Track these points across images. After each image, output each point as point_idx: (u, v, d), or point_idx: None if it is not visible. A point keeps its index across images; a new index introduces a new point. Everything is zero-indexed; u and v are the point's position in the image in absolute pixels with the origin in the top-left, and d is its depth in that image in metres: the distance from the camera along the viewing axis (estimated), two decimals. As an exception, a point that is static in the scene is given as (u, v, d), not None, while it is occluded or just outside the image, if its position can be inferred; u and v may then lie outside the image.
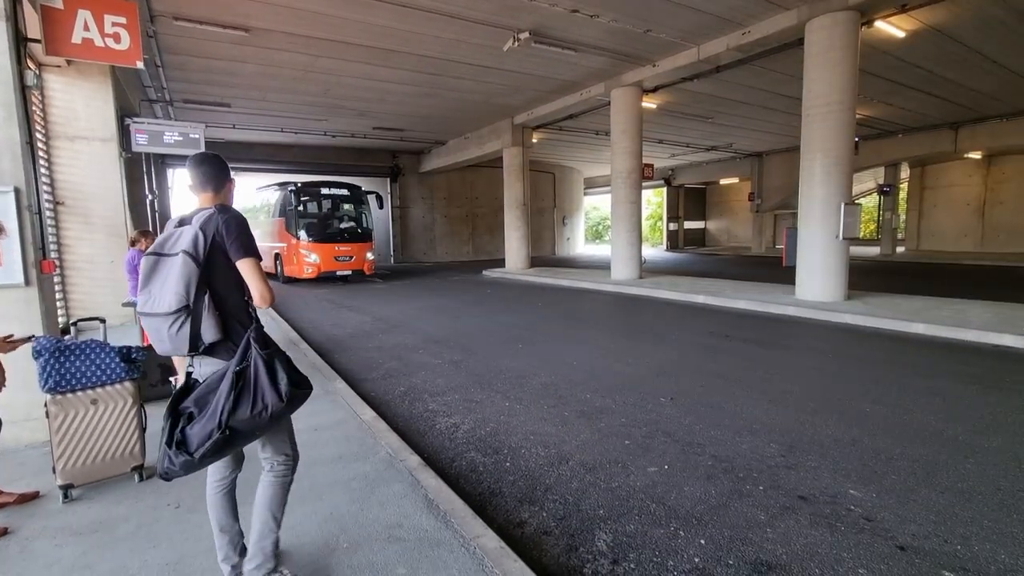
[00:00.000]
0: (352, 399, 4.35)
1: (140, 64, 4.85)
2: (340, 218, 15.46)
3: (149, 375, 4.15)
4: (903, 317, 7.30)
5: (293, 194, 14.50)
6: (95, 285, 5.65)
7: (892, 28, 9.10)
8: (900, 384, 4.76)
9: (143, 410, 2.99)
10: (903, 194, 24.25)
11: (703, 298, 9.97)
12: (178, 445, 1.77)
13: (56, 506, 2.71)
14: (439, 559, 2.21)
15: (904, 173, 23.76)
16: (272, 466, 2.02)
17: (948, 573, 2.20)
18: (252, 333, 1.86)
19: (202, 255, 1.82)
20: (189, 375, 1.95)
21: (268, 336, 1.91)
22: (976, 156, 19.86)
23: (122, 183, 5.91)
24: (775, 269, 15.65)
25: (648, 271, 14.72)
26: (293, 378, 1.86)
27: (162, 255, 1.86)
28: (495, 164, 19.21)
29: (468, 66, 11.15)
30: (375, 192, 16.33)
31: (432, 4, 8.07)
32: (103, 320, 3.31)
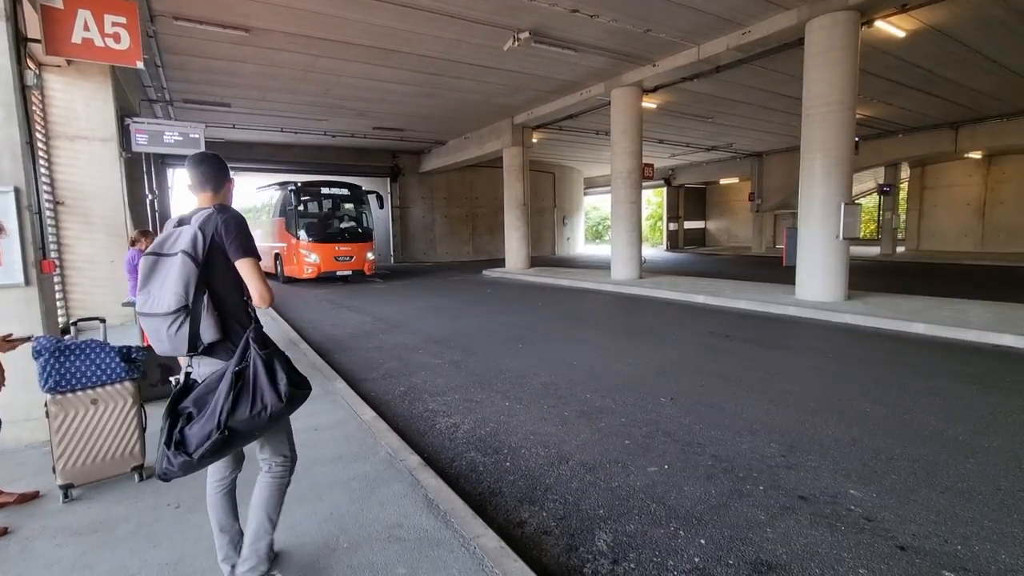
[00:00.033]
0: (352, 399, 4.35)
1: (140, 64, 4.85)
2: (340, 218, 15.40)
3: (149, 375, 4.15)
4: (903, 317, 7.30)
5: (293, 194, 14.45)
6: (95, 285, 5.66)
7: (892, 28, 9.10)
8: (900, 384, 4.76)
9: (143, 410, 3.00)
10: (903, 194, 24.25)
11: (703, 298, 9.97)
12: (177, 446, 1.77)
13: (56, 506, 2.71)
14: (439, 559, 2.21)
15: (904, 173, 23.76)
16: (270, 467, 2.02)
17: (948, 573, 2.20)
18: (251, 333, 1.85)
19: (201, 255, 1.82)
20: (188, 375, 1.95)
21: (267, 336, 1.91)
22: (976, 156, 19.86)
23: (122, 183, 5.91)
24: (775, 269, 15.66)
25: (648, 271, 14.72)
26: (292, 378, 1.85)
27: (161, 255, 1.86)
28: (495, 164, 19.21)
29: (468, 66, 11.15)
30: (375, 192, 16.30)
31: (432, 4, 8.07)
32: (103, 320, 3.31)
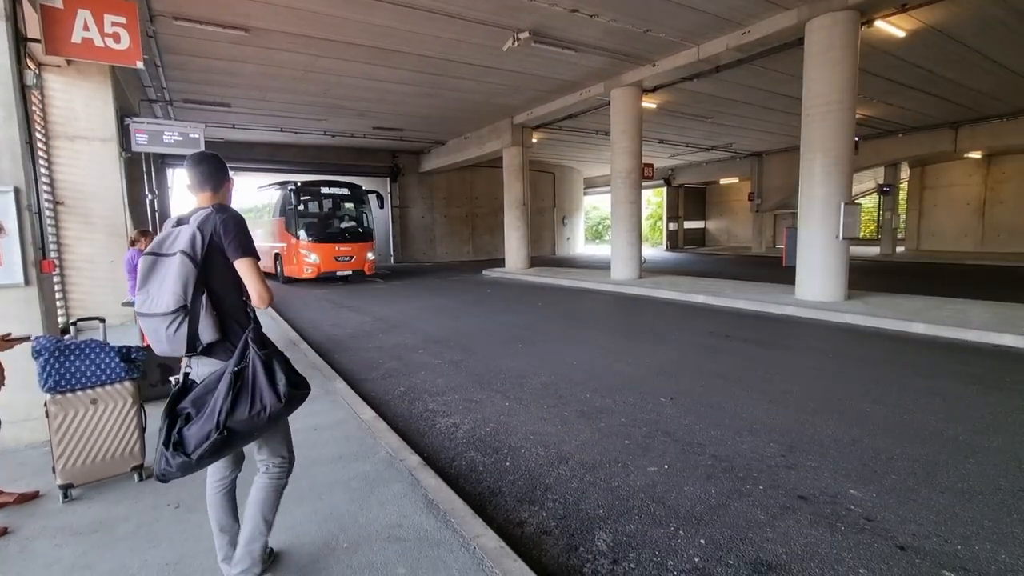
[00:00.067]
0: (352, 399, 4.34)
1: (140, 64, 4.85)
2: (340, 218, 15.37)
3: (149, 375, 4.15)
4: (903, 317, 7.30)
5: (293, 193, 14.42)
6: (95, 285, 5.65)
7: (892, 28, 9.10)
8: (900, 384, 4.76)
9: (143, 410, 2.99)
10: (903, 194, 24.26)
11: (703, 298, 9.97)
12: (175, 446, 1.76)
13: (56, 506, 2.71)
14: (439, 559, 2.21)
15: (904, 173, 23.75)
16: (267, 468, 2.01)
17: (948, 573, 2.20)
18: (250, 333, 1.85)
19: (199, 255, 1.81)
20: (186, 375, 1.94)
21: (266, 336, 1.91)
22: (976, 156, 19.86)
23: (122, 183, 5.91)
24: (775, 269, 15.66)
25: (648, 271, 14.72)
26: (291, 379, 1.85)
27: (160, 255, 1.85)
28: (495, 164, 19.21)
29: (468, 66, 11.15)
30: (375, 191, 16.28)
31: (432, 4, 8.07)
32: (103, 320, 3.31)
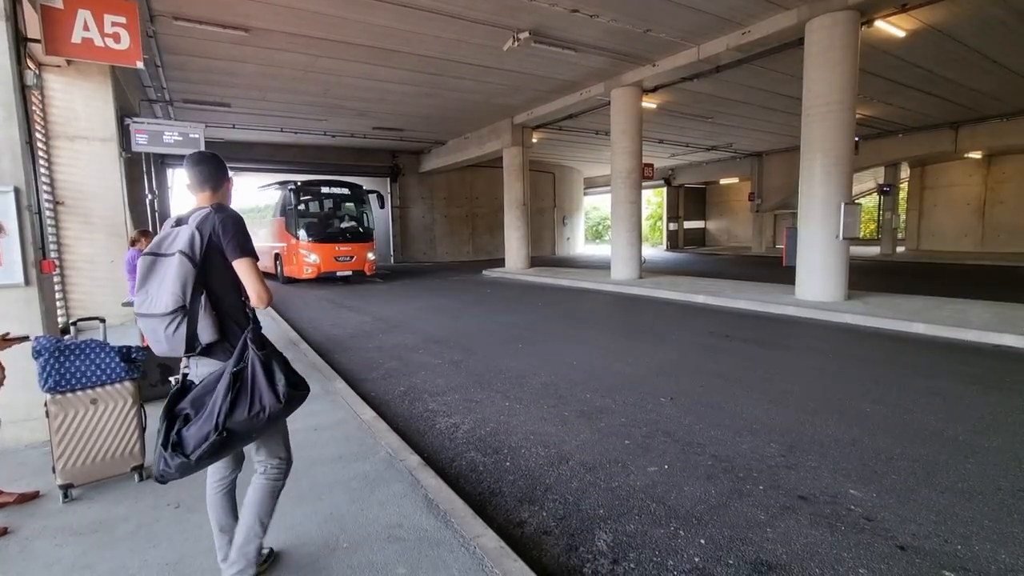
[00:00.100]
0: (352, 399, 4.34)
1: (140, 64, 4.85)
2: (341, 217, 15.36)
3: (149, 375, 4.15)
4: (903, 317, 7.30)
5: (293, 193, 14.40)
6: (95, 285, 5.66)
7: (892, 28, 9.10)
8: (900, 384, 4.76)
9: (143, 410, 2.99)
10: (903, 194, 24.25)
11: (703, 298, 9.97)
12: (174, 447, 1.75)
13: (56, 506, 2.71)
14: (439, 559, 2.21)
15: (904, 173, 23.75)
16: (265, 469, 2.00)
17: (948, 573, 2.19)
18: (249, 334, 1.84)
19: (198, 255, 1.81)
20: (185, 376, 1.93)
21: (265, 337, 1.90)
22: (976, 156, 19.86)
23: (122, 183, 5.92)
24: (775, 269, 15.66)
25: (648, 271, 14.72)
26: (291, 379, 1.84)
27: (159, 255, 1.85)
28: (495, 164, 19.20)
29: (468, 66, 11.15)
30: (376, 191, 16.27)
31: (432, 4, 8.07)
32: (103, 320, 3.30)
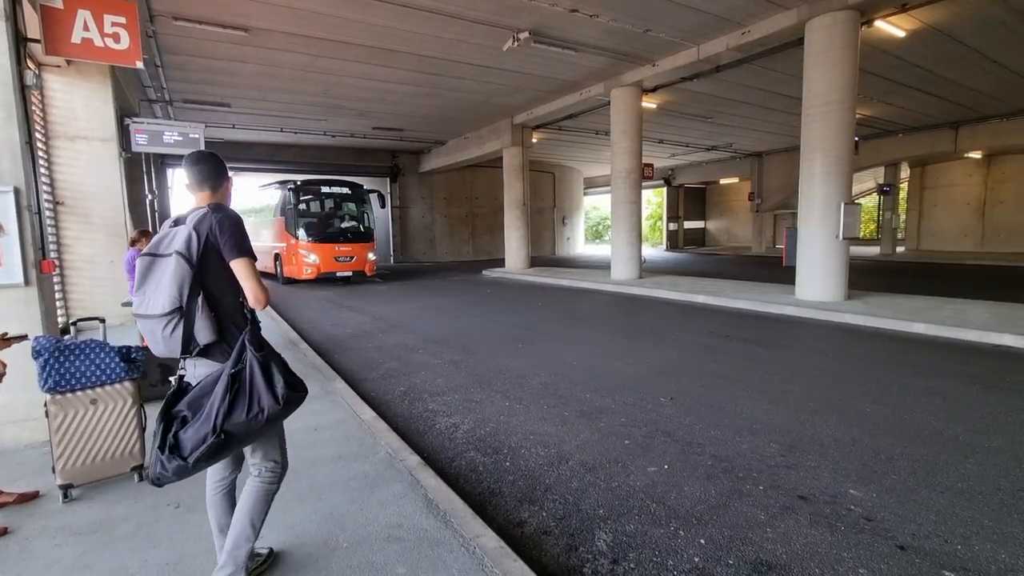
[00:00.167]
0: (352, 399, 4.34)
1: (140, 64, 4.85)
2: (341, 217, 15.32)
3: (149, 375, 4.15)
4: (903, 317, 7.30)
5: (293, 192, 14.34)
6: (95, 285, 5.67)
7: (892, 28, 9.10)
8: (900, 384, 4.76)
9: (143, 410, 2.99)
10: (903, 194, 24.26)
11: (703, 298, 9.97)
12: (171, 450, 1.74)
13: (56, 506, 2.71)
14: (439, 559, 2.21)
15: (904, 173, 23.76)
16: (260, 472, 1.99)
17: (948, 573, 2.19)
18: (247, 335, 1.83)
19: (195, 256, 1.80)
20: (181, 378, 1.92)
21: (263, 338, 1.90)
22: (976, 156, 19.86)
23: (122, 183, 5.92)
24: (775, 269, 15.66)
25: (648, 271, 14.72)
26: (289, 381, 1.83)
27: (157, 256, 1.84)
28: (495, 164, 19.21)
29: (468, 66, 11.15)
30: (377, 191, 16.24)
31: (432, 4, 8.07)
32: (103, 320, 3.30)
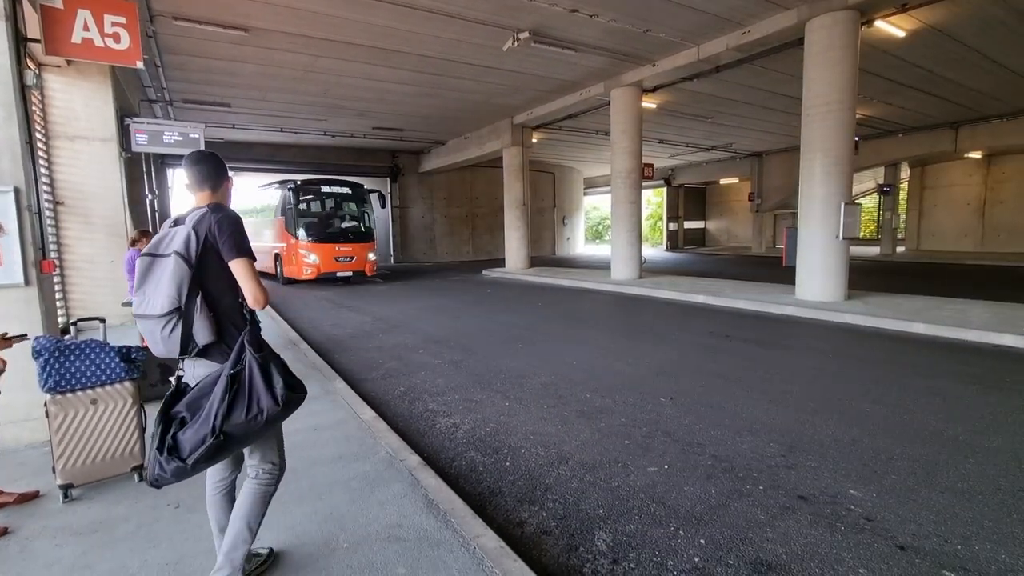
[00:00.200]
0: (352, 399, 4.34)
1: (140, 64, 4.86)
2: (341, 217, 15.29)
3: (149, 375, 4.15)
4: (903, 317, 7.30)
5: (292, 192, 14.30)
6: (95, 285, 5.67)
7: (892, 28, 9.10)
8: (900, 384, 4.76)
9: (143, 410, 2.99)
10: (903, 194, 24.25)
11: (703, 298, 9.97)
12: (170, 451, 1.73)
13: (56, 506, 2.71)
14: (439, 559, 2.21)
15: (904, 173, 23.75)
16: (257, 474, 1.98)
17: (948, 573, 2.19)
18: (246, 336, 1.83)
19: (194, 256, 1.79)
20: (179, 379, 1.91)
21: (262, 339, 1.89)
22: (976, 156, 19.86)
23: (122, 183, 5.93)
24: (775, 269, 15.66)
25: (648, 271, 14.72)
26: (288, 382, 1.82)
27: (156, 256, 1.83)
28: (495, 164, 19.20)
29: (468, 66, 11.15)
30: (377, 190, 16.23)
31: (432, 4, 8.07)
32: (103, 320, 3.30)
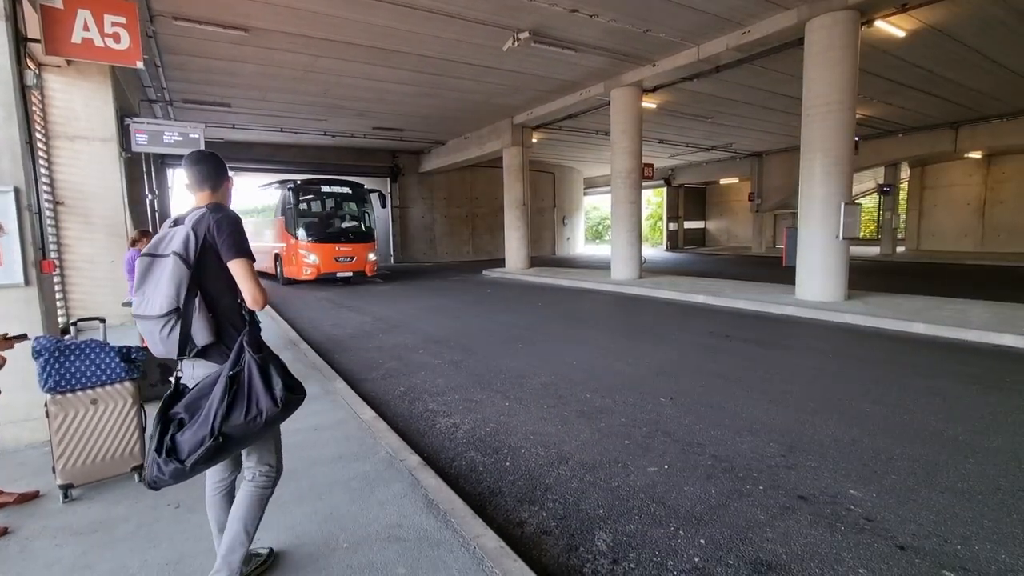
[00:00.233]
0: (352, 399, 4.34)
1: (140, 64, 4.86)
2: (342, 217, 15.26)
3: (149, 375, 4.15)
4: (903, 317, 7.30)
5: (292, 192, 14.26)
6: (95, 285, 5.67)
7: (892, 28, 9.10)
8: (900, 384, 4.76)
9: (143, 410, 2.99)
10: (903, 194, 24.25)
11: (703, 298, 9.97)
12: (168, 452, 1.73)
13: (56, 506, 2.71)
14: (439, 559, 2.21)
15: (904, 173, 23.75)
16: (254, 476, 1.98)
17: (948, 573, 2.20)
18: (245, 336, 1.82)
19: (193, 256, 1.79)
20: (178, 380, 1.91)
21: (262, 340, 1.89)
22: (976, 156, 19.86)
23: (122, 183, 5.93)
24: (775, 269, 15.66)
25: (648, 271, 14.72)
26: (287, 383, 1.82)
27: (155, 256, 1.83)
28: (495, 164, 19.20)
29: (468, 66, 11.15)
30: (378, 190, 16.21)
31: (432, 4, 8.07)
32: (103, 320, 3.30)
